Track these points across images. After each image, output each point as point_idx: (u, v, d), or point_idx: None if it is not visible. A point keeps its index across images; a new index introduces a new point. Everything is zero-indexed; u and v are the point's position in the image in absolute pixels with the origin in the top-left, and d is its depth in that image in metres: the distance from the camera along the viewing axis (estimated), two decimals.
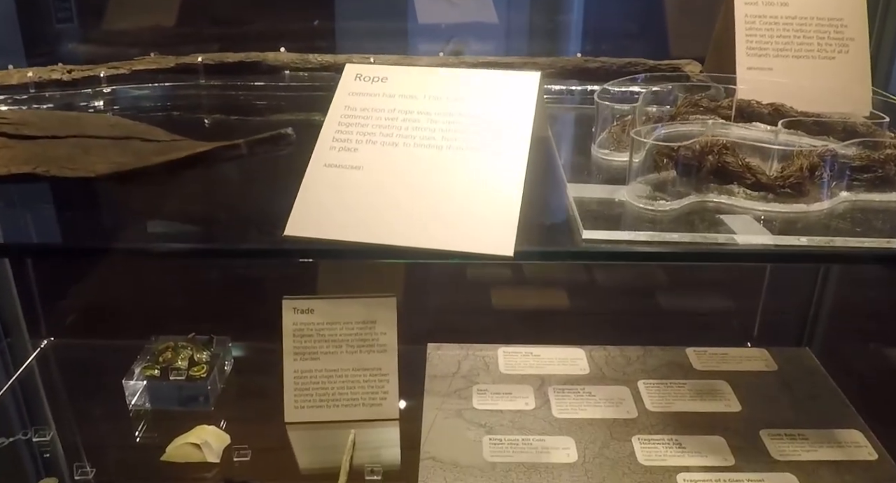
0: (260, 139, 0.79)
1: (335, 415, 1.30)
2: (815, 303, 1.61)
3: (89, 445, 1.28)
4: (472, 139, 0.80)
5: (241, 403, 1.38)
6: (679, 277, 1.71)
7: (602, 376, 1.43)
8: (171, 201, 0.91)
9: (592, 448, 1.24)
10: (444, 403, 1.34)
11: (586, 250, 0.74)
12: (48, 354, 1.55)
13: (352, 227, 0.76)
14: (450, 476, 1.18)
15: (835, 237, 0.76)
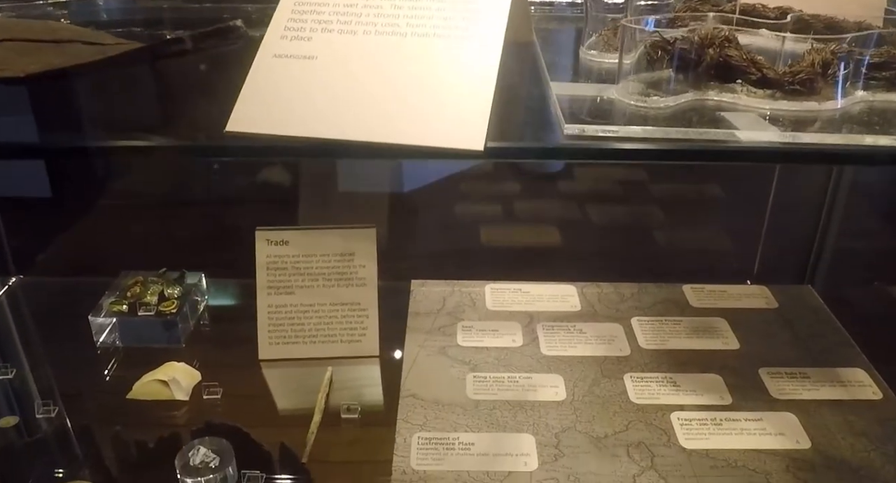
0: (205, 32, 0.70)
1: (312, 351, 1.23)
2: (817, 240, 1.54)
3: (54, 384, 1.20)
4: (439, 25, 0.71)
5: (215, 341, 1.30)
6: (677, 214, 1.63)
7: (594, 313, 1.35)
8: (109, 100, 0.83)
9: (582, 386, 1.17)
10: (427, 340, 1.26)
11: (566, 147, 0.66)
12: (16, 292, 1.48)
13: (302, 122, 0.68)
14: (430, 414, 1.11)
15: (849, 135, 0.67)
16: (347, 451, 1.08)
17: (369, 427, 1.11)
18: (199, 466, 0.98)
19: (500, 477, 1.01)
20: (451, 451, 1.05)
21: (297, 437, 1.08)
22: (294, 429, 1.10)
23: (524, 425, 1.10)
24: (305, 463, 1.03)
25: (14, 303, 1.44)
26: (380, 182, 1.83)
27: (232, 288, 1.43)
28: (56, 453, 1.09)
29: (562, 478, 1.01)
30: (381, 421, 1.12)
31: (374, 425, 1.12)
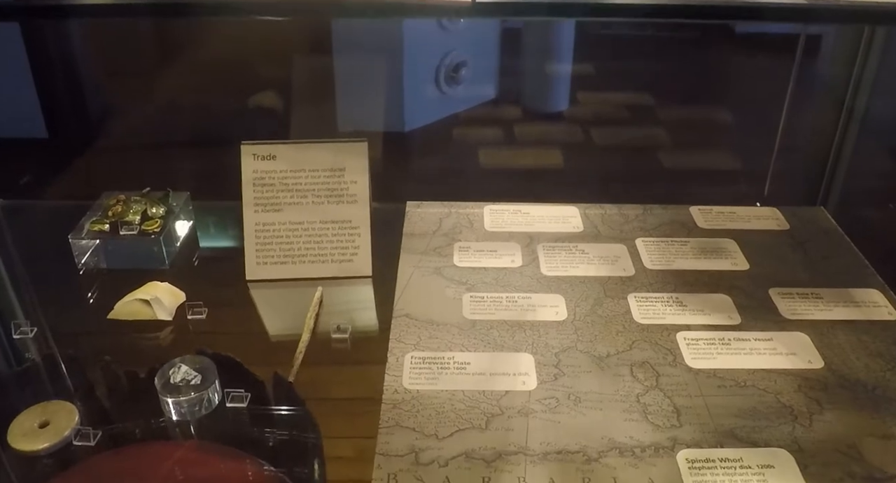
0: None
1: (301, 272, 1.17)
2: (830, 162, 1.46)
3: (33, 305, 1.15)
4: None
5: (201, 263, 1.25)
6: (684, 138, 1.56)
7: (597, 234, 1.29)
8: None
9: (584, 306, 1.11)
10: (422, 261, 1.20)
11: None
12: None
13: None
14: (424, 334, 1.05)
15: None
16: (336, 371, 1.02)
17: (360, 347, 1.06)
18: (181, 385, 0.93)
19: (496, 396, 0.96)
20: (446, 371, 1.00)
21: (284, 357, 1.03)
22: (282, 350, 1.05)
23: (523, 345, 1.05)
24: (292, 382, 0.97)
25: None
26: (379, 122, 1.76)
27: (219, 210, 1.37)
28: (33, 374, 1.03)
29: (561, 397, 0.96)
30: (372, 341, 1.07)
31: (366, 346, 1.07)
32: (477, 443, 0.90)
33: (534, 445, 0.90)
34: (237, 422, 0.97)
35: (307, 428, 0.95)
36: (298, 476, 1.02)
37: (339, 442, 0.93)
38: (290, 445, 1.04)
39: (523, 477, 0.86)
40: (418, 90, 2.93)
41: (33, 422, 0.93)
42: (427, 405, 0.95)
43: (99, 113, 3.34)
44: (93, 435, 0.92)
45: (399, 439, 0.91)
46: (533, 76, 3.94)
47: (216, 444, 1.13)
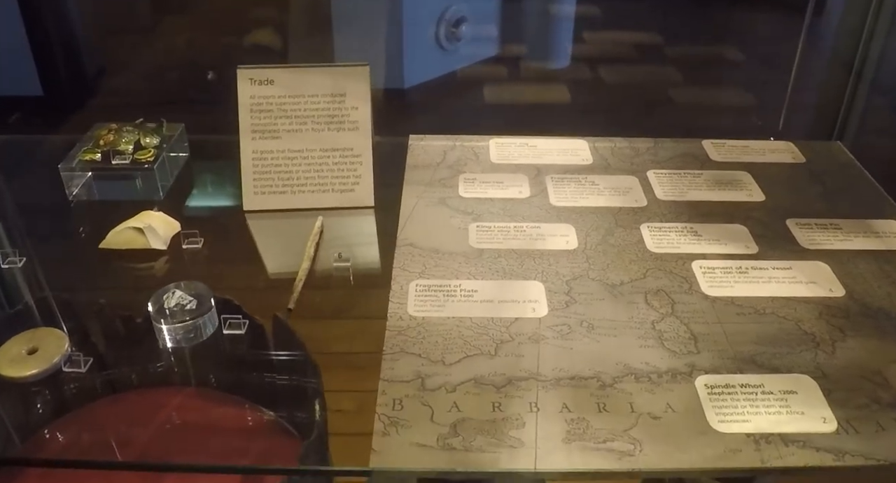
0: None
1: (301, 202, 1.12)
2: (847, 97, 1.40)
3: (21, 236, 1.10)
4: None
5: (196, 195, 1.20)
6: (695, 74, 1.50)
7: (607, 166, 1.24)
8: None
9: (595, 235, 1.07)
10: (426, 192, 1.16)
11: None
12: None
13: None
14: (429, 262, 1.01)
15: None
16: (338, 298, 0.98)
17: (363, 276, 1.02)
18: (175, 309, 0.88)
19: (506, 323, 0.92)
20: (452, 298, 0.95)
21: (283, 287, 0.98)
22: (281, 280, 1.01)
23: (532, 273, 1.00)
24: (292, 309, 0.92)
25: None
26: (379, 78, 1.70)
27: (215, 143, 1.31)
28: (23, 303, 0.99)
29: (574, 324, 0.92)
30: (375, 271, 1.03)
31: (368, 275, 1.02)
32: (486, 369, 0.86)
33: (546, 371, 0.86)
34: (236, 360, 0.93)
35: (306, 370, 0.91)
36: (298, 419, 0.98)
37: (341, 371, 0.88)
38: (290, 389, 0.99)
39: (535, 402, 0.82)
40: (418, 46, 2.87)
41: (21, 348, 0.89)
42: (433, 332, 0.91)
43: (94, 69, 3.28)
44: (83, 361, 0.87)
45: (404, 365, 0.86)
46: (535, 32, 3.87)
47: (215, 391, 1.09)
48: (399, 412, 0.81)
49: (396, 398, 0.82)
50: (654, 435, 0.79)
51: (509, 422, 0.80)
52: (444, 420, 0.80)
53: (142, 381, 0.98)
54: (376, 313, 0.94)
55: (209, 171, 1.26)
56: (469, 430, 0.79)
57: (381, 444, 0.77)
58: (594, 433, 0.79)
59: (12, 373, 0.88)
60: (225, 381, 1.00)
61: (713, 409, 0.82)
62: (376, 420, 0.80)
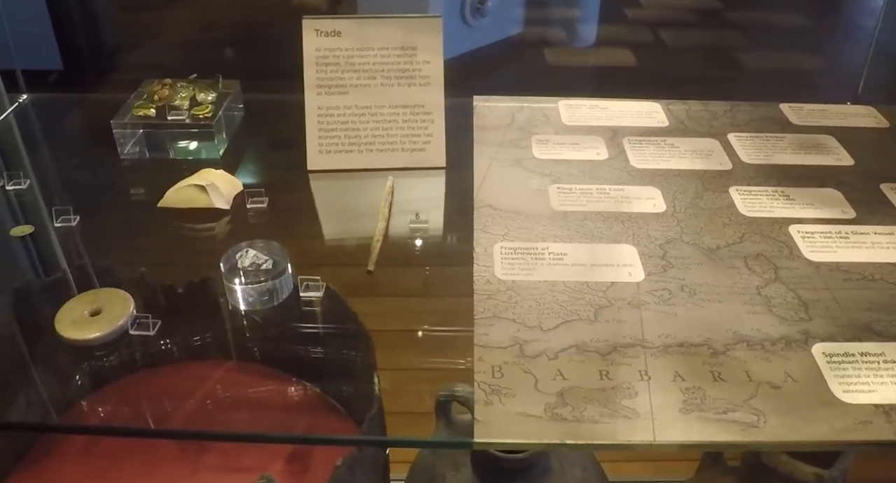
0: None
1: (368, 161, 1.05)
2: None
3: (74, 195, 1.04)
4: None
5: (255, 154, 1.13)
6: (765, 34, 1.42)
7: (684, 129, 1.17)
8: None
9: (683, 198, 1.00)
10: (499, 153, 1.09)
11: None
12: (27, 109, 1.28)
13: None
14: (511, 224, 0.94)
15: None
16: (418, 260, 0.91)
17: (441, 237, 0.94)
18: (250, 269, 0.81)
19: (601, 287, 0.85)
20: (541, 261, 0.89)
21: (357, 248, 0.92)
22: (353, 241, 0.93)
23: (622, 236, 0.94)
24: (371, 271, 0.85)
25: (25, 119, 1.25)
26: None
27: (272, 102, 1.24)
28: (76, 263, 0.92)
29: (674, 288, 0.85)
30: (454, 232, 0.96)
31: (447, 236, 0.95)
32: (587, 335, 0.79)
33: (651, 338, 0.79)
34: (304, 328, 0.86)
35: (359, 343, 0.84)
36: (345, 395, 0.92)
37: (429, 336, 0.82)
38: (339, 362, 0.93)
39: (644, 370, 0.75)
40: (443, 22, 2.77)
41: (83, 309, 0.82)
42: (525, 296, 0.84)
43: (114, 43, 3.20)
44: (151, 323, 0.80)
45: (499, 331, 0.80)
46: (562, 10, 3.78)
47: (257, 365, 1.03)
48: (500, 380, 0.74)
49: (495, 365, 0.76)
50: (776, 405, 0.73)
51: (620, 391, 0.74)
52: (550, 389, 0.74)
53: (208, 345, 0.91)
54: (461, 277, 0.87)
55: (268, 129, 1.19)
56: (577, 399, 0.73)
57: (485, 414, 0.71)
58: (712, 403, 0.73)
59: (75, 335, 0.81)
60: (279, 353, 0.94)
61: (836, 379, 0.75)
62: (476, 388, 0.73)
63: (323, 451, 0.96)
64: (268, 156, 1.15)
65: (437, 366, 0.80)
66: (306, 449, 0.99)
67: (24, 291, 0.92)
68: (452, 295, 0.87)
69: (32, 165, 1.13)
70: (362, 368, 0.90)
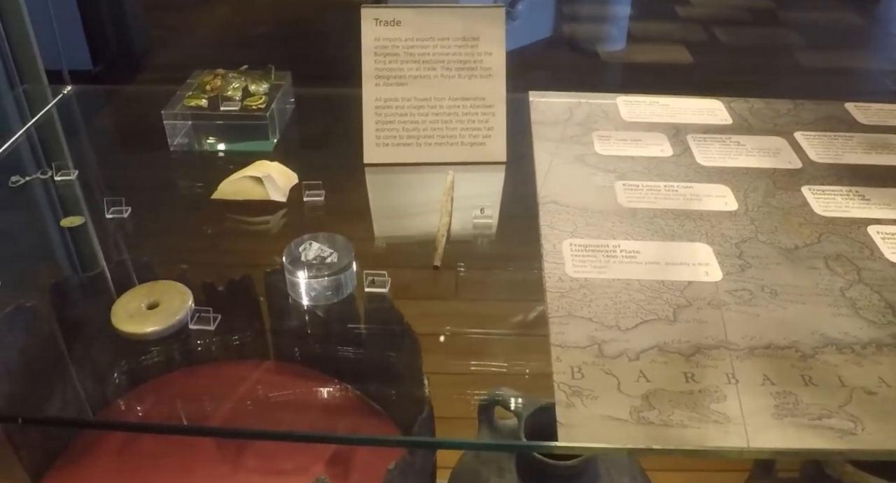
0: None
1: (426, 155, 1.01)
2: None
3: (123, 187, 1.00)
4: None
5: (309, 147, 1.09)
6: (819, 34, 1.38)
7: (749, 127, 1.13)
8: None
9: (754, 197, 0.96)
10: (559, 149, 1.05)
11: None
12: (70, 102, 1.25)
13: None
14: (579, 221, 0.90)
15: None
16: (485, 256, 0.87)
17: (506, 234, 0.91)
18: (314, 262, 0.77)
19: (679, 286, 0.81)
20: (613, 259, 0.85)
21: (420, 243, 0.88)
22: (415, 236, 0.90)
23: (695, 235, 0.90)
24: (438, 266, 0.82)
25: (68, 111, 1.22)
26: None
27: (323, 95, 1.21)
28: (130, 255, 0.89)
29: (754, 288, 0.81)
30: (519, 228, 0.91)
31: (512, 232, 0.91)
32: (668, 335, 0.76)
33: (735, 339, 0.75)
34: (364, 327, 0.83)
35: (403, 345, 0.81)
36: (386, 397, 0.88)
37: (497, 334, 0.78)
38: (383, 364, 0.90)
39: (731, 373, 0.71)
40: None
41: (140, 302, 0.79)
42: (600, 294, 0.80)
43: (143, 43, 3.18)
44: (213, 318, 0.77)
45: (575, 330, 0.76)
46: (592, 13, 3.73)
47: (296, 365, 0.99)
48: (580, 381, 0.71)
49: (574, 366, 0.72)
50: (872, 412, 0.69)
51: (707, 394, 0.70)
52: (634, 391, 0.70)
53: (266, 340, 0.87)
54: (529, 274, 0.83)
55: (320, 122, 1.16)
56: (663, 402, 0.69)
57: (568, 417, 0.67)
58: (806, 409, 0.69)
59: (132, 328, 0.78)
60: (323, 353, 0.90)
61: None
62: (556, 389, 0.70)
63: (365, 454, 0.93)
64: (322, 149, 1.11)
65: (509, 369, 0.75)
66: (348, 452, 0.96)
67: (74, 285, 0.89)
68: (521, 294, 0.83)
69: (79, 157, 1.10)
70: (408, 370, 0.87)
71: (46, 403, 0.85)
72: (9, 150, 1.09)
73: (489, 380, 0.79)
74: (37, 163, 1.08)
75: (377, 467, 0.80)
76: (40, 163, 1.08)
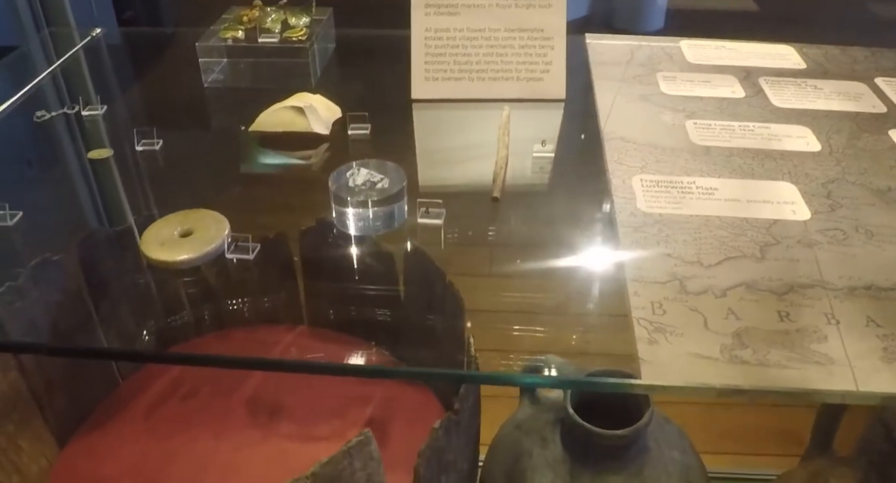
0: None
1: (478, 91, 0.93)
2: None
3: (156, 122, 0.92)
4: None
5: (351, 84, 1.01)
6: None
7: (825, 72, 1.04)
8: None
9: (838, 139, 0.87)
10: (622, 88, 0.97)
11: None
12: (100, 42, 1.17)
13: None
14: (649, 157, 0.82)
15: None
16: (546, 190, 0.79)
17: (569, 169, 0.82)
18: (363, 188, 0.69)
19: (763, 224, 0.72)
20: (689, 195, 0.76)
21: (475, 179, 0.80)
22: (469, 171, 0.82)
23: (777, 174, 0.81)
24: (498, 198, 0.73)
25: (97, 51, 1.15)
26: None
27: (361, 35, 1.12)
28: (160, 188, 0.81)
29: (847, 229, 0.72)
30: (582, 164, 0.83)
31: (575, 168, 0.82)
32: (756, 273, 0.67)
33: (832, 279, 0.67)
34: None
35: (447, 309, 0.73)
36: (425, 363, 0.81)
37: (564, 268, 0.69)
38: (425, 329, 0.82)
39: (830, 313, 0.63)
40: None
41: (173, 230, 0.71)
42: (677, 230, 0.72)
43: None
44: (251, 247, 0.69)
45: (653, 264, 0.68)
46: None
47: (331, 329, 0.93)
48: (662, 317, 0.62)
49: (655, 300, 0.64)
50: None
51: (806, 334, 0.61)
52: (723, 328, 0.61)
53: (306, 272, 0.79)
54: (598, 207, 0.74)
55: (361, 60, 1.08)
56: (757, 340, 0.60)
57: (651, 354, 0.59)
58: None
59: (164, 256, 0.70)
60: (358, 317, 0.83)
61: None
62: (636, 325, 0.61)
63: (402, 421, 0.85)
64: (365, 85, 1.03)
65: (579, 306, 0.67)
66: (385, 418, 0.88)
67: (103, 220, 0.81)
68: (588, 229, 0.75)
69: (107, 95, 1.03)
70: (449, 334, 0.79)
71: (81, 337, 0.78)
72: (34, 89, 1.02)
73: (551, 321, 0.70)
74: (61, 102, 1.01)
75: (414, 434, 0.72)
76: (65, 101, 1.00)
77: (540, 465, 0.81)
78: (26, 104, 0.98)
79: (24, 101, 0.99)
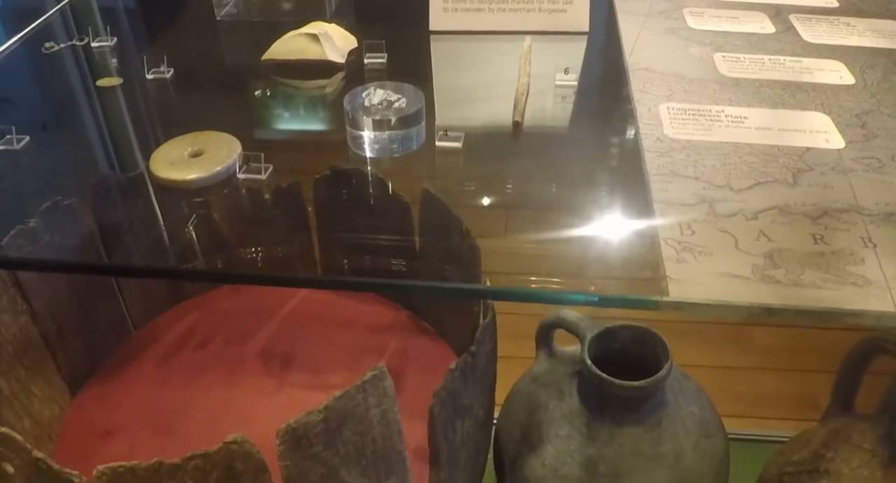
0: None
1: (499, 22, 0.90)
2: None
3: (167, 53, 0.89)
4: None
5: (367, 15, 0.97)
6: None
7: (858, 10, 1.00)
8: None
9: (872, 73, 0.83)
10: (647, 22, 0.93)
11: None
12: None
13: None
14: (676, 87, 0.78)
15: None
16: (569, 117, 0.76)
17: (592, 98, 0.79)
18: (380, 107, 0.66)
19: (796, 152, 0.69)
20: (718, 123, 0.73)
21: (495, 107, 0.76)
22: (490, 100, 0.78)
23: (809, 104, 0.78)
24: (519, 122, 0.70)
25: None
26: None
27: None
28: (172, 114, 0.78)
29: (884, 158, 0.69)
30: (607, 93, 0.80)
31: (599, 96, 0.79)
32: (788, 198, 0.64)
33: (867, 204, 0.64)
34: None
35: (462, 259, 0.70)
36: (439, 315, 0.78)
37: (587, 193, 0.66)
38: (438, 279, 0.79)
39: (867, 237, 0.60)
40: None
41: (183, 150, 0.68)
42: (705, 155, 0.69)
43: None
44: (263, 167, 0.66)
45: (680, 188, 0.65)
46: None
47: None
48: (691, 237, 0.59)
49: (683, 221, 0.60)
50: None
51: (841, 256, 0.58)
52: (754, 249, 0.58)
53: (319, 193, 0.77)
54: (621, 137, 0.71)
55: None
56: (790, 261, 0.57)
57: (678, 272, 0.56)
58: None
59: (174, 175, 0.67)
60: None
61: None
62: (663, 244, 0.58)
63: (417, 370, 0.83)
64: (383, 17, 1.00)
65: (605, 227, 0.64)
66: (398, 368, 0.86)
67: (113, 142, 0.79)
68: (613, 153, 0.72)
69: (117, 28, 1.00)
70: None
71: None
72: (44, 23, 0.99)
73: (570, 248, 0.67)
74: (69, 35, 0.98)
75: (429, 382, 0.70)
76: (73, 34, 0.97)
77: (556, 417, 0.78)
78: (38, 36, 0.95)
79: (34, 33, 0.96)
